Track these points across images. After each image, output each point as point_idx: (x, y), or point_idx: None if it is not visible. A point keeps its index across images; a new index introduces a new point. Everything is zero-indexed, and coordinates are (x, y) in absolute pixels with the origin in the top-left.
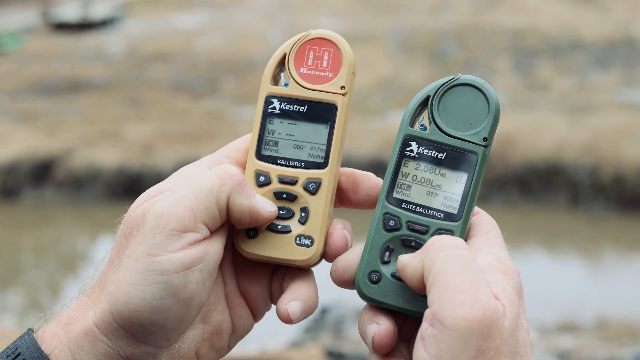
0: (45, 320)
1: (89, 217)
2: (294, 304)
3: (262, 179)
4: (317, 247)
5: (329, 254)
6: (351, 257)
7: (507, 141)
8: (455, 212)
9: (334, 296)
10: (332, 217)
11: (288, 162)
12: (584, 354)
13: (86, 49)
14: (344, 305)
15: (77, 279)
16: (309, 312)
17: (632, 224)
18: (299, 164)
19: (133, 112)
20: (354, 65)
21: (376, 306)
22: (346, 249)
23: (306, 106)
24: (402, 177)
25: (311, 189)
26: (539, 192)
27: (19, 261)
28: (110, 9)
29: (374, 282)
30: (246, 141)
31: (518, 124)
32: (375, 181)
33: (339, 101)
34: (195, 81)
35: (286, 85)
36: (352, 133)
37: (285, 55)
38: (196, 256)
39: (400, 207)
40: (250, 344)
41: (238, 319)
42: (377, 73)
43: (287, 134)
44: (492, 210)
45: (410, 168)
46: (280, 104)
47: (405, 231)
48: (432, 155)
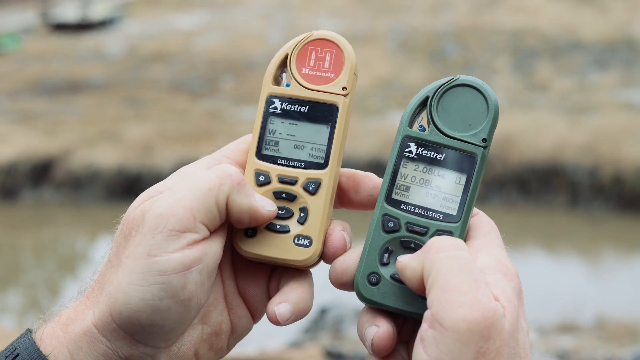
0: (44, 320)
1: (88, 217)
2: (282, 307)
3: (261, 178)
4: (316, 248)
5: (327, 255)
6: (350, 259)
7: (507, 141)
8: (454, 213)
9: (333, 296)
10: (331, 218)
11: (288, 162)
12: (583, 354)
13: (85, 49)
14: (344, 306)
15: (76, 279)
16: (299, 315)
17: (632, 224)
18: (299, 164)
19: (132, 112)
20: (355, 66)
21: (375, 308)
22: (345, 250)
23: (307, 106)
24: (401, 178)
25: (311, 189)
26: (538, 192)
27: (18, 261)
28: (109, 9)
29: (373, 284)
30: (246, 142)
31: (517, 124)
32: (377, 181)
33: (340, 102)
34: (195, 81)
35: (288, 85)
36: (351, 133)
37: (287, 55)
38: (195, 257)
39: (399, 208)
40: (249, 345)
41: (237, 319)
42: (377, 73)
43: (287, 134)
44: (492, 211)
45: (409, 169)
46: (282, 104)
47: (405, 232)
48: (431, 156)
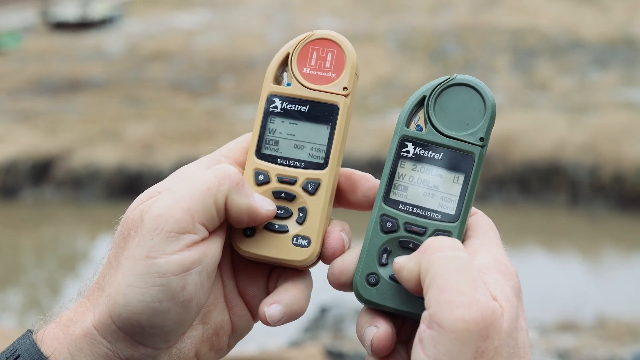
0: (44, 321)
1: (89, 216)
2: (273, 308)
3: (261, 177)
4: (314, 248)
5: (325, 255)
6: (348, 260)
7: (507, 140)
8: (452, 212)
9: (333, 296)
10: (330, 218)
11: (288, 161)
12: (583, 353)
13: (85, 48)
14: (344, 305)
15: (76, 278)
16: (291, 316)
17: (632, 223)
18: (298, 164)
19: (133, 112)
20: (357, 66)
21: (374, 308)
22: (343, 251)
23: (308, 106)
24: (399, 178)
25: (310, 189)
26: (538, 191)
27: (18, 260)
28: (109, 8)
29: (372, 285)
30: (246, 141)
31: (518, 123)
32: (374, 182)
33: (341, 102)
34: (195, 80)
35: (289, 84)
36: (351, 133)
37: (288, 54)
38: (194, 258)
39: (397, 208)
40: (250, 344)
41: (237, 319)
42: (377, 72)
43: (287, 134)
44: (492, 210)
45: (406, 169)
46: (282, 103)
47: (403, 233)
48: (429, 155)
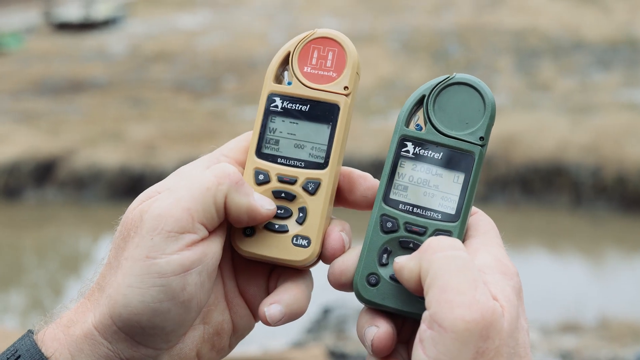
0: (45, 322)
1: (91, 217)
2: (273, 307)
3: (261, 177)
4: (314, 248)
5: (325, 255)
6: (348, 260)
7: (509, 141)
8: (453, 212)
9: (336, 296)
10: (331, 218)
11: (288, 161)
12: (586, 354)
13: (88, 48)
14: (346, 305)
15: (78, 279)
16: (291, 316)
17: (635, 224)
18: (299, 164)
19: (135, 112)
20: (358, 65)
21: (375, 308)
22: (343, 251)
23: (308, 105)
24: (399, 178)
25: (310, 189)
26: (541, 192)
27: (20, 261)
28: (112, 9)
29: (373, 285)
30: (246, 140)
31: (520, 124)
32: (372, 182)
33: (342, 101)
34: (197, 81)
35: (289, 83)
36: (353, 133)
37: (289, 53)
38: (194, 258)
39: (397, 208)
40: (252, 344)
41: (238, 319)
42: (379, 73)
43: (288, 133)
44: (494, 211)
45: (406, 169)
46: (283, 103)
47: (403, 233)
48: (429, 155)
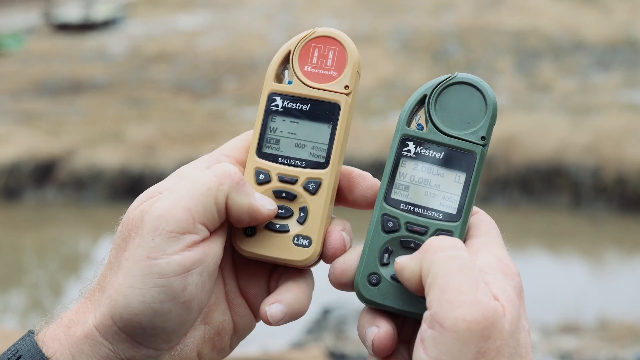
0: (45, 322)
1: (91, 217)
2: (274, 307)
3: (261, 177)
4: (315, 248)
5: (326, 255)
6: (349, 260)
7: (509, 142)
8: (454, 212)
9: (336, 297)
10: (332, 218)
11: (289, 160)
12: (585, 354)
13: (88, 49)
14: (346, 306)
15: (78, 279)
16: (293, 316)
17: (634, 225)
18: (299, 163)
19: (135, 113)
20: (359, 64)
21: (375, 308)
22: (344, 250)
23: (309, 105)
24: (400, 177)
25: (311, 188)
26: (541, 192)
27: (20, 261)
28: (112, 10)
29: (374, 285)
30: (246, 139)
31: (520, 124)
32: (372, 182)
33: (342, 101)
34: (197, 82)
35: (290, 83)
36: (353, 134)
37: (289, 52)
38: (195, 258)
39: (398, 208)
40: (252, 345)
41: (239, 318)
42: (379, 73)
43: (288, 132)
44: (494, 211)
45: (408, 168)
46: (283, 102)
47: (404, 232)
48: (430, 155)
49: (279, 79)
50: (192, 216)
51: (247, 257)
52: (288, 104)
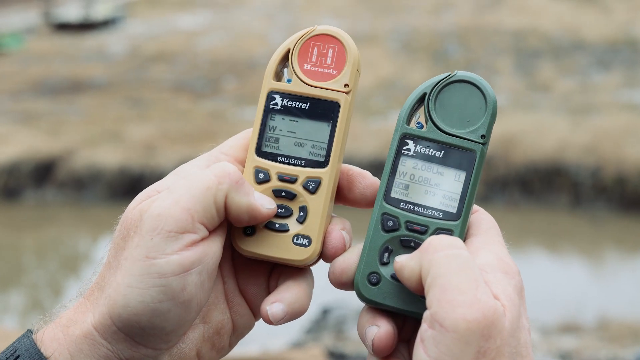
0: (44, 322)
1: (91, 217)
2: (275, 306)
3: (261, 176)
4: (315, 247)
5: (326, 254)
6: (349, 259)
7: (509, 141)
8: (454, 211)
9: (335, 296)
10: (331, 216)
11: (288, 159)
12: (585, 354)
13: (87, 49)
14: (346, 306)
15: (78, 279)
16: (294, 315)
17: (634, 225)
18: (299, 162)
19: (134, 113)
20: (358, 63)
21: (376, 308)
22: (344, 250)
23: (308, 103)
24: (400, 176)
25: (311, 188)
26: (540, 192)
27: (20, 261)
28: (111, 9)
29: (374, 284)
30: (245, 137)
31: (520, 124)
32: (371, 180)
33: (342, 99)
34: (197, 81)
35: (289, 81)
36: (353, 134)
37: (289, 50)
38: (194, 258)
39: (398, 207)
40: (251, 344)
41: (239, 318)
42: (379, 73)
43: (288, 131)
44: (494, 211)
45: (407, 167)
46: (283, 100)
47: (404, 231)
48: (430, 153)
49: (278, 77)
50: (191, 215)
51: (246, 257)
52: (287, 102)
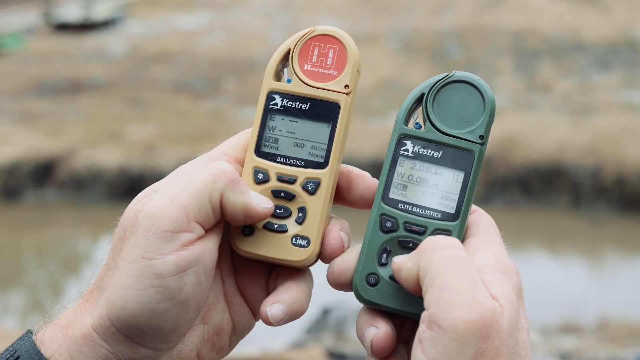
0: (44, 322)
1: (91, 217)
2: (275, 307)
3: (260, 176)
4: (314, 248)
5: (324, 255)
6: (348, 260)
7: (509, 142)
8: (452, 211)
9: (335, 297)
10: (330, 217)
11: (288, 160)
12: (585, 355)
13: (87, 49)
14: (346, 306)
15: (78, 279)
16: (293, 316)
17: (634, 225)
18: (298, 163)
19: (134, 113)
20: (359, 63)
21: (374, 309)
22: (342, 250)
23: (308, 104)
24: (398, 177)
25: (310, 189)
26: (540, 193)
27: (20, 262)
28: (111, 10)
29: (372, 285)
30: (245, 137)
31: (520, 124)
32: (370, 182)
33: (342, 100)
34: (197, 81)
35: (289, 81)
36: (353, 134)
37: (289, 50)
38: (191, 258)
39: (396, 207)
40: (251, 345)
41: (238, 318)
42: (379, 73)
43: (288, 132)
44: (494, 211)
45: (405, 167)
46: (282, 101)
47: (403, 232)
48: (428, 154)
49: (278, 77)
50: (187, 214)
51: (245, 257)
52: (287, 102)
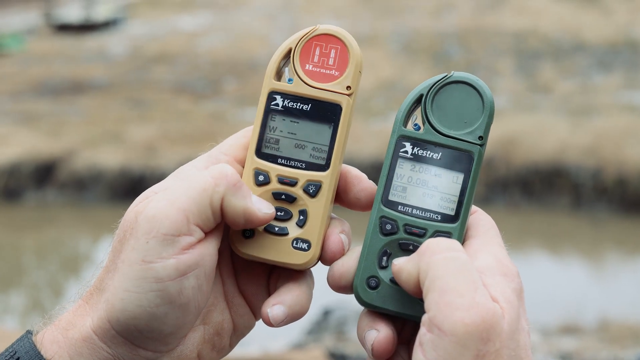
0: (43, 323)
1: (91, 218)
2: (276, 309)
3: (261, 178)
4: (314, 252)
5: (325, 258)
6: (348, 263)
7: (510, 143)
8: (452, 213)
9: (336, 298)
10: (331, 218)
11: (288, 161)
12: (586, 355)
13: (88, 50)
14: (347, 307)
15: (79, 280)
16: (294, 317)
17: (635, 226)
18: (299, 165)
19: (135, 113)
20: (361, 64)
21: (375, 311)
22: (343, 253)
23: (310, 105)
24: (397, 179)
25: (311, 191)
26: (541, 194)
27: (21, 262)
28: (112, 10)
29: (373, 288)
30: (245, 136)
31: (520, 125)
32: (366, 184)
33: (344, 102)
34: (198, 82)
35: (290, 81)
36: (354, 135)
37: (290, 50)
38: (191, 262)
39: (396, 210)
40: (252, 345)
41: (239, 318)
42: (379, 75)
43: (288, 132)
44: (495, 212)
45: (405, 169)
46: (284, 101)
47: (403, 234)
48: (427, 155)
49: (279, 76)
50: (186, 217)
51: (245, 259)
52: (288, 103)
